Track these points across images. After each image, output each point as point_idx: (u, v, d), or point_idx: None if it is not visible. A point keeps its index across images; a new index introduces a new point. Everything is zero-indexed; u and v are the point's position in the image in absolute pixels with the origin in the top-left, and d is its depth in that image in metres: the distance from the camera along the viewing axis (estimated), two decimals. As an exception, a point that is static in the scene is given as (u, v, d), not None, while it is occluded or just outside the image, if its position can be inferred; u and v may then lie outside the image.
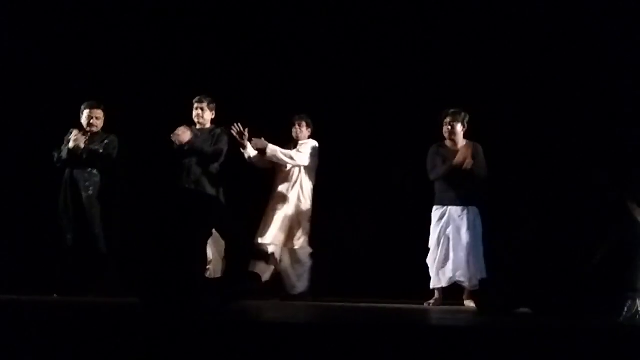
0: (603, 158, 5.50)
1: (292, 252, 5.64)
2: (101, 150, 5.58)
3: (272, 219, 5.60)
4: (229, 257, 4.69)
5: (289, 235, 5.61)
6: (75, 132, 5.53)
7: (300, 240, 5.62)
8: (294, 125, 5.78)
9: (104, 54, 6.48)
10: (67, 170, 5.57)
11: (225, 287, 3.65)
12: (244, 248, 3.77)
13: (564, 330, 2.98)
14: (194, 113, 5.66)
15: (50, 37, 6.44)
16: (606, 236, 3.74)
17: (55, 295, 5.27)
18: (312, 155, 5.70)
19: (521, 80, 6.17)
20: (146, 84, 6.37)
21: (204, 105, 5.65)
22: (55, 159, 5.58)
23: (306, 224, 5.65)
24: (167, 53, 6.55)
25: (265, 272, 5.31)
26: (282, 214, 5.60)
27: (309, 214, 5.67)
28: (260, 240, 5.55)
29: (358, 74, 6.46)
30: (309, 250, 5.65)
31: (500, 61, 6.22)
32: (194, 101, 5.67)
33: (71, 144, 5.49)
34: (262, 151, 5.58)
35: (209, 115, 5.68)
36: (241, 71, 6.49)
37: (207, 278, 3.81)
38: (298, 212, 5.64)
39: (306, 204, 5.67)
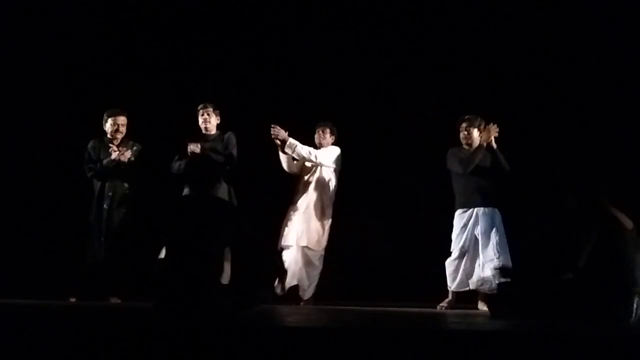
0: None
1: (306, 255, 5.60)
2: (133, 158, 5.55)
3: (294, 221, 5.61)
4: (240, 263, 4.75)
5: (309, 237, 5.59)
6: (115, 151, 5.48)
7: (317, 242, 5.60)
8: (317, 132, 5.77)
9: (113, 59, 6.50)
10: (99, 182, 5.54)
11: (238, 294, 3.66)
12: (261, 256, 3.78)
13: (575, 334, 2.97)
14: (200, 120, 5.65)
15: (55, 44, 6.45)
16: (588, 237, 3.75)
17: (73, 299, 5.30)
18: (335, 159, 5.72)
19: (534, 84, 6.19)
20: (156, 91, 6.40)
21: (210, 110, 5.64)
22: (91, 174, 5.55)
23: (326, 227, 5.65)
24: (175, 59, 6.58)
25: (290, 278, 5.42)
26: (304, 216, 5.60)
27: (330, 217, 5.67)
28: (283, 243, 5.57)
29: (371, 80, 6.48)
30: (321, 253, 5.64)
31: (519, 66, 6.24)
32: (198, 108, 5.66)
33: (115, 156, 5.45)
34: (281, 146, 5.58)
35: (215, 121, 5.67)
36: (252, 77, 6.52)
37: (221, 284, 3.82)
38: (320, 215, 5.63)
39: (328, 207, 5.67)
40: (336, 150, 5.77)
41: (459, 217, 5.36)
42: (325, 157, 5.68)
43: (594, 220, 3.79)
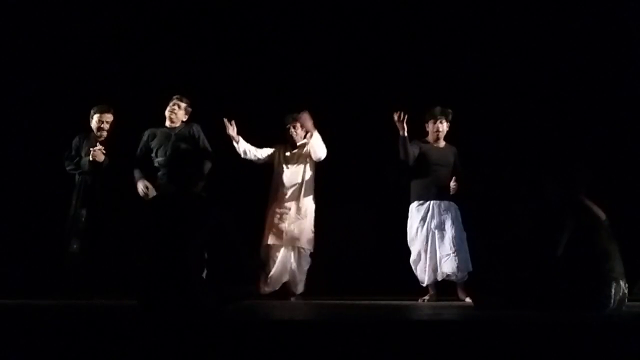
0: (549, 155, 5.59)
1: (300, 252, 5.61)
2: (105, 160, 5.52)
3: (285, 219, 5.56)
4: (219, 258, 4.75)
5: (305, 237, 5.58)
6: (98, 147, 5.46)
7: (310, 241, 5.60)
8: (290, 127, 5.67)
9: (99, 56, 6.46)
10: (78, 177, 5.53)
11: (223, 290, 3.66)
12: (244, 252, 3.78)
13: (557, 323, 3.01)
14: (168, 109, 5.50)
15: (42, 41, 6.39)
16: (563, 228, 3.80)
17: (60, 298, 5.22)
18: None
19: (511, 79, 6.23)
20: (136, 86, 6.36)
21: (181, 103, 5.52)
22: (70, 168, 5.54)
23: (313, 223, 5.64)
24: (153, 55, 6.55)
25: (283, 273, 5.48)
26: (297, 215, 5.57)
27: (314, 212, 5.65)
28: (270, 241, 5.54)
29: (349, 73, 6.48)
30: (311, 250, 5.65)
31: (491, 61, 6.28)
32: (174, 97, 5.53)
33: (92, 157, 5.43)
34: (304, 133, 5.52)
35: (182, 115, 5.54)
36: (227, 70, 6.50)
37: (205, 280, 3.81)
38: (312, 213, 5.61)
39: (313, 202, 5.65)
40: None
41: (416, 210, 5.40)
42: (325, 150, 5.59)
43: (568, 210, 3.84)
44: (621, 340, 2.72)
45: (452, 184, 5.35)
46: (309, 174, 5.67)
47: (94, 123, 5.58)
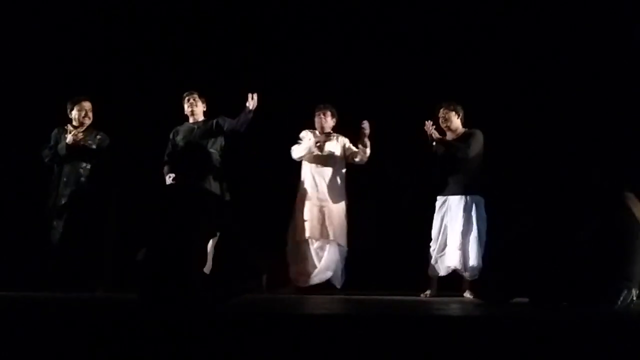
0: (600, 149, 5.53)
1: (342, 250, 5.59)
2: (94, 146, 5.50)
3: (328, 215, 5.53)
4: (222, 253, 4.78)
5: (344, 234, 5.58)
6: (70, 128, 5.44)
7: (345, 235, 5.60)
8: (318, 115, 5.68)
9: (85, 50, 6.41)
10: (57, 168, 5.48)
11: (226, 284, 3.66)
12: (246, 246, 3.77)
13: (561, 319, 3.00)
14: (186, 106, 5.56)
15: (26, 34, 6.33)
16: (596, 221, 3.77)
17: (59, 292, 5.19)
18: None
19: (520, 73, 6.19)
20: (139, 80, 6.34)
21: (195, 96, 5.56)
22: (48, 159, 5.49)
23: (346, 218, 5.64)
24: (159, 47, 6.51)
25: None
26: (337, 211, 5.56)
27: (346, 206, 5.66)
28: (309, 235, 5.50)
29: (356, 69, 6.46)
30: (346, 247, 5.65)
31: (499, 55, 6.24)
32: (184, 95, 5.59)
33: (69, 140, 5.38)
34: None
35: (201, 108, 5.59)
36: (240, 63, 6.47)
37: (207, 275, 3.80)
38: (343, 207, 5.61)
39: (345, 196, 5.65)
40: None
41: (438, 205, 5.41)
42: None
43: (609, 207, 3.79)
44: (622, 339, 2.72)
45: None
46: (342, 166, 5.68)
47: (74, 114, 5.54)
